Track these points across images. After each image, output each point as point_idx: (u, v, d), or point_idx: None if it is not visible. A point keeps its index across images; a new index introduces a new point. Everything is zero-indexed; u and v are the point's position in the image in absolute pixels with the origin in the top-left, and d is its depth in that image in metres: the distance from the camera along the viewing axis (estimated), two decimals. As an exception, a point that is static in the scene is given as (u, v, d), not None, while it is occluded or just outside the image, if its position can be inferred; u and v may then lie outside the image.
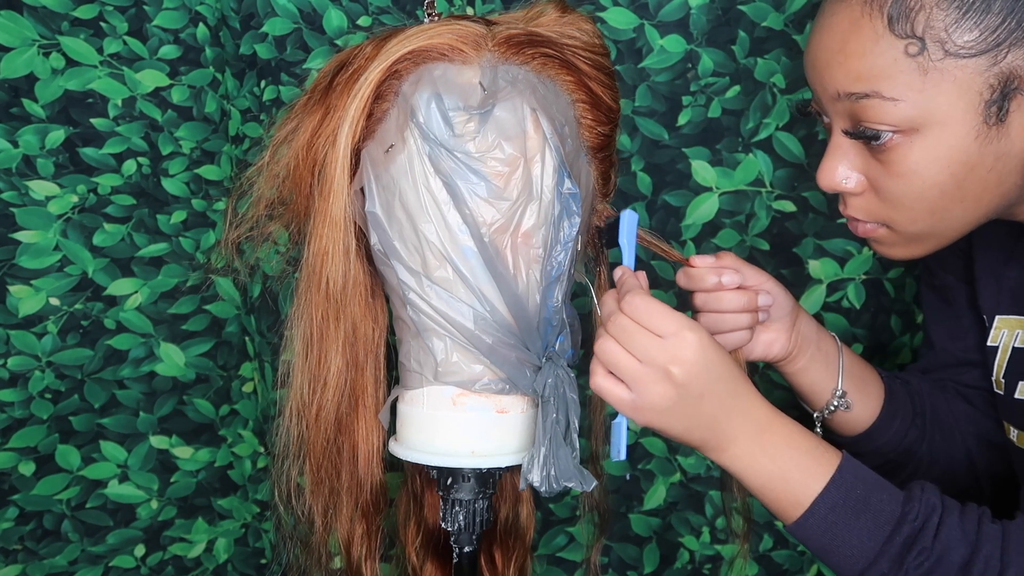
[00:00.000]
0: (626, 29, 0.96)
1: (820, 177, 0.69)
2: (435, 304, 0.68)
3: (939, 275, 0.88)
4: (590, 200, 0.74)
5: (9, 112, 0.96)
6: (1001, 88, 0.61)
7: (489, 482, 0.72)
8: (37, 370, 1.01)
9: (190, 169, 1.04)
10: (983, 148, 0.62)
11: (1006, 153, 0.63)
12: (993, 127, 0.62)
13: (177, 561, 1.11)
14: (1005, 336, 0.80)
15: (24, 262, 0.99)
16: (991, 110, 0.61)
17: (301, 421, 0.73)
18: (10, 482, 1.02)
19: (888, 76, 0.62)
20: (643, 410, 0.65)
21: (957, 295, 0.87)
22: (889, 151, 0.64)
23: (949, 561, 0.62)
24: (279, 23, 0.98)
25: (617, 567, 1.09)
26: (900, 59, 0.61)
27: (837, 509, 0.64)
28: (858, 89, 0.63)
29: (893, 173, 0.65)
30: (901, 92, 0.62)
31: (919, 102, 0.62)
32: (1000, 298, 0.81)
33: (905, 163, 0.64)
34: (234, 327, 1.09)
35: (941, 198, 0.65)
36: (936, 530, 0.63)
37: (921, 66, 0.61)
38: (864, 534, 0.63)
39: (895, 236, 0.69)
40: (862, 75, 0.63)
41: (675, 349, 0.64)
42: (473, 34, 0.67)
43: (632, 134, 0.99)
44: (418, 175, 0.67)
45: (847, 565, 0.64)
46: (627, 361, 0.65)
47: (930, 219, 0.66)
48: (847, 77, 0.64)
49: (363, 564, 0.78)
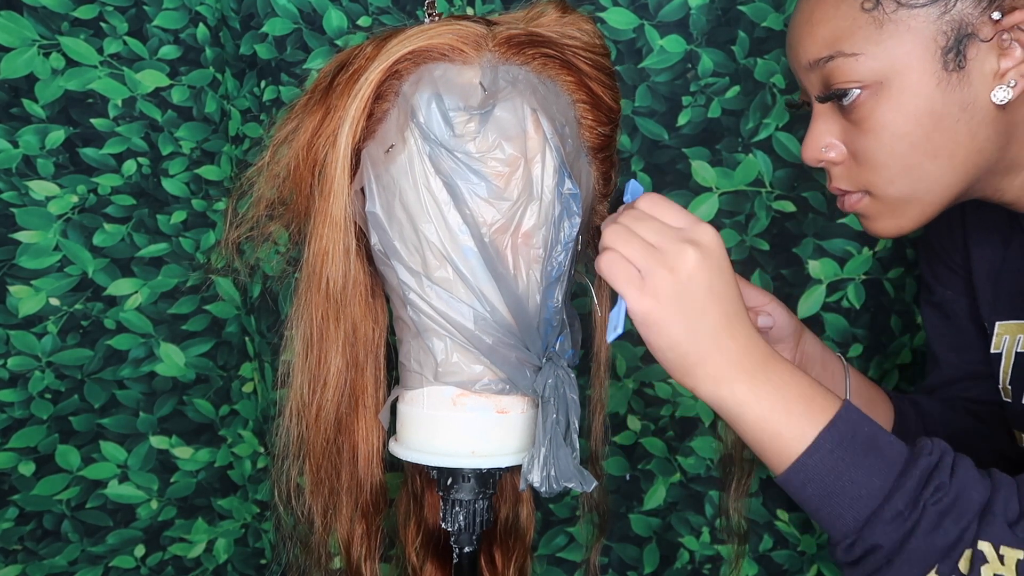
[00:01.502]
0: (626, 29, 0.96)
1: (803, 151, 0.72)
2: (435, 304, 0.68)
3: (937, 291, 0.89)
4: (590, 200, 0.74)
5: (9, 112, 0.96)
6: (955, 35, 0.64)
7: (489, 482, 0.72)
8: (37, 370, 1.01)
9: (190, 169, 1.04)
10: (946, 96, 0.64)
11: (971, 103, 0.65)
12: (953, 73, 0.64)
13: (177, 561, 1.11)
14: (1007, 342, 0.80)
15: (24, 262, 0.99)
16: (948, 57, 0.64)
17: (301, 421, 0.73)
18: (10, 482, 1.02)
19: (848, 34, 0.65)
20: (646, 293, 0.60)
21: (957, 309, 0.87)
22: (858, 109, 0.66)
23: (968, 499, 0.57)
24: (279, 23, 0.98)
25: (617, 567, 1.09)
26: (858, 16, 0.65)
27: (844, 444, 0.58)
28: (824, 53, 0.67)
29: (865, 130, 0.67)
30: (861, 46, 0.65)
31: (878, 54, 0.65)
32: (997, 304, 0.82)
33: (875, 119, 0.66)
34: (234, 327, 1.09)
35: (913, 152, 0.66)
36: (952, 469, 0.58)
37: (877, 20, 0.65)
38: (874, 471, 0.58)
39: (879, 205, 0.70)
40: (827, 39, 0.66)
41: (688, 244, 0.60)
42: (473, 34, 0.67)
43: (632, 134, 0.99)
44: (418, 175, 0.67)
45: (855, 509, 0.58)
46: (637, 243, 0.61)
47: (906, 177, 0.67)
48: (814, 44, 0.67)
49: (363, 564, 0.78)
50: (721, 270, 0.61)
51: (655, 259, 0.60)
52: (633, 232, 0.61)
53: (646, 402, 1.06)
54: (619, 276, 0.61)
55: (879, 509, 0.57)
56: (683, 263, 0.60)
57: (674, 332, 0.60)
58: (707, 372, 0.61)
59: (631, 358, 1.05)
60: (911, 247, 1.02)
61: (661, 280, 0.60)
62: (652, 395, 1.06)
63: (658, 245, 0.60)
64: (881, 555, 0.57)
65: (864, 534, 0.57)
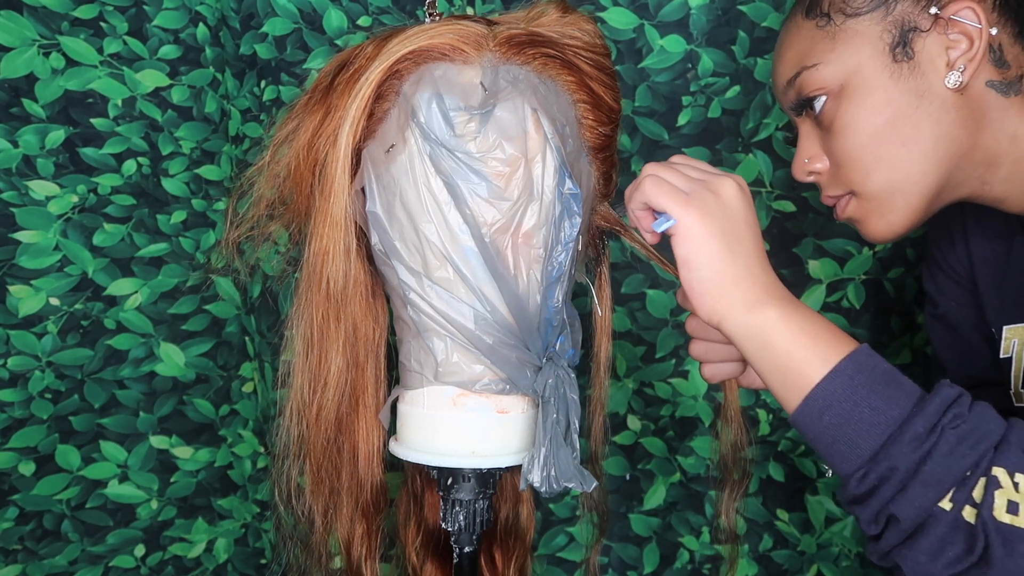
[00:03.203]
0: (626, 29, 0.96)
1: (793, 169, 0.77)
2: (436, 304, 0.68)
3: (941, 303, 0.89)
4: (591, 200, 0.74)
5: (9, 112, 0.96)
6: (899, 31, 0.70)
7: (489, 482, 0.72)
8: (37, 370, 1.01)
9: (190, 169, 1.04)
10: (900, 85, 0.70)
11: (927, 90, 0.69)
12: (903, 63, 0.70)
13: (177, 561, 1.11)
14: (1016, 346, 0.81)
15: (24, 262, 0.99)
16: (897, 51, 0.70)
17: (301, 421, 0.73)
18: (10, 482, 1.02)
19: (808, 51, 0.73)
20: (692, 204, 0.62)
21: (961, 320, 0.88)
22: (827, 114, 0.72)
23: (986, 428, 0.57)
24: (279, 23, 0.98)
25: (617, 567, 1.09)
26: (815, 34, 0.73)
27: (865, 372, 0.59)
28: (792, 71, 0.74)
29: (835, 133, 0.72)
30: (818, 57, 0.72)
31: (834, 59, 0.71)
32: (1004, 308, 0.82)
33: (841, 119, 0.71)
34: (234, 327, 1.09)
35: (880, 143, 0.70)
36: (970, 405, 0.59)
37: (830, 33, 0.72)
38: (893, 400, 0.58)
39: (864, 203, 0.73)
40: (793, 60, 0.74)
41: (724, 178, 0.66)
42: (474, 34, 0.67)
43: (632, 134, 0.99)
44: (419, 175, 0.67)
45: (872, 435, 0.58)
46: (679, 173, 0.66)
47: (881, 167, 0.71)
48: (784, 67, 0.75)
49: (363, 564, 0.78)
50: (752, 208, 0.66)
51: (698, 183, 0.65)
52: (673, 166, 0.67)
53: (646, 402, 1.06)
54: (665, 192, 0.64)
55: (897, 432, 0.57)
56: (724, 189, 0.65)
57: (714, 247, 0.62)
58: (741, 294, 0.63)
59: (631, 358, 1.05)
60: (911, 247, 1.02)
61: (705, 197, 0.64)
62: (652, 395, 1.06)
63: (698, 177, 0.66)
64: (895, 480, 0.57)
65: (879, 458, 0.57)
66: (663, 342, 1.04)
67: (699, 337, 0.76)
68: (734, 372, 0.78)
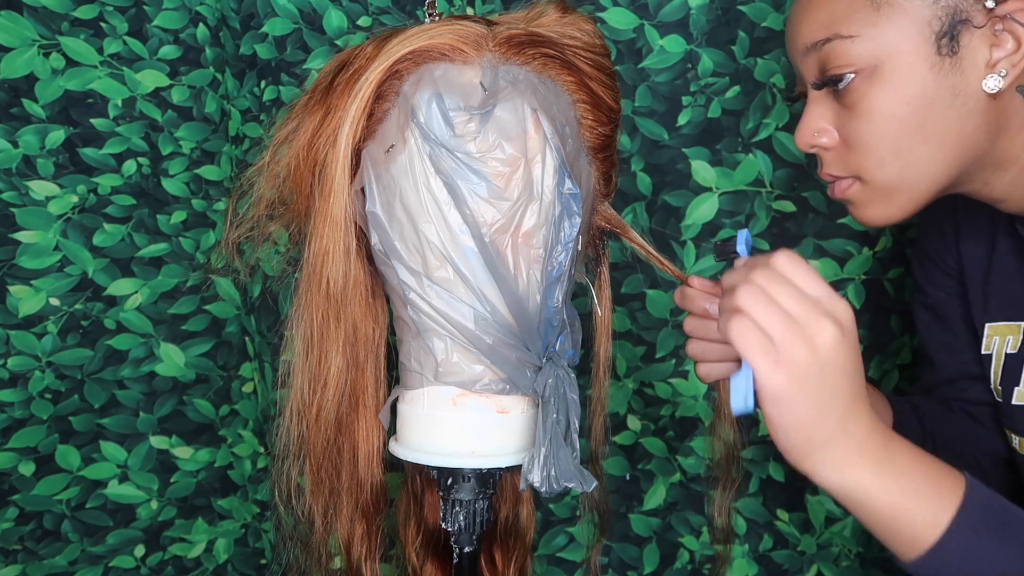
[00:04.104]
0: (626, 29, 0.96)
1: (797, 137, 0.72)
2: (435, 304, 0.68)
3: (931, 293, 0.89)
4: (591, 200, 0.74)
5: (9, 112, 0.96)
6: (949, 20, 0.65)
7: (489, 482, 0.72)
8: (37, 370, 1.01)
9: (190, 169, 1.04)
10: (939, 80, 0.65)
11: (963, 89, 0.66)
12: (946, 58, 0.65)
13: (177, 561, 1.11)
14: (997, 343, 0.81)
15: (24, 262, 0.99)
16: (942, 42, 0.65)
17: (301, 421, 0.73)
18: (10, 482, 1.02)
19: (846, 17, 0.67)
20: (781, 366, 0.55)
21: (950, 311, 0.88)
22: (852, 93, 0.67)
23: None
24: (279, 23, 0.98)
25: (617, 567, 1.09)
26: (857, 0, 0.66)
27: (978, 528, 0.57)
28: (821, 35, 0.68)
29: (857, 114, 0.68)
30: (857, 28, 0.66)
31: (874, 35, 0.66)
32: (987, 306, 0.82)
33: (867, 102, 0.67)
34: (234, 327, 1.09)
35: (903, 135, 0.67)
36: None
37: (874, 2, 0.66)
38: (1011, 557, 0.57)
39: (868, 190, 0.70)
40: (824, 21, 0.68)
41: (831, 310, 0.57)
42: (474, 34, 0.67)
43: (632, 134, 0.99)
44: (419, 175, 0.67)
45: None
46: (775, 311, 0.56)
47: (897, 161, 0.68)
48: (811, 27, 0.69)
49: (363, 564, 0.78)
50: (855, 350, 0.58)
51: (794, 331, 0.56)
52: (771, 298, 0.57)
53: (646, 402, 1.06)
54: (753, 345, 0.56)
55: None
56: (824, 339, 0.56)
57: (803, 412, 0.56)
58: (831, 457, 0.57)
59: (631, 358, 1.05)
60: (911, 247, 1.02)
61: (799, 354, 0.55)
62: (652, 395, 1.06)
63: (797, 316, 0.56)
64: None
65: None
66: (663, 342, 1.04)
67: (696, 336, 0.75)
68: (730, 372, 0.77)
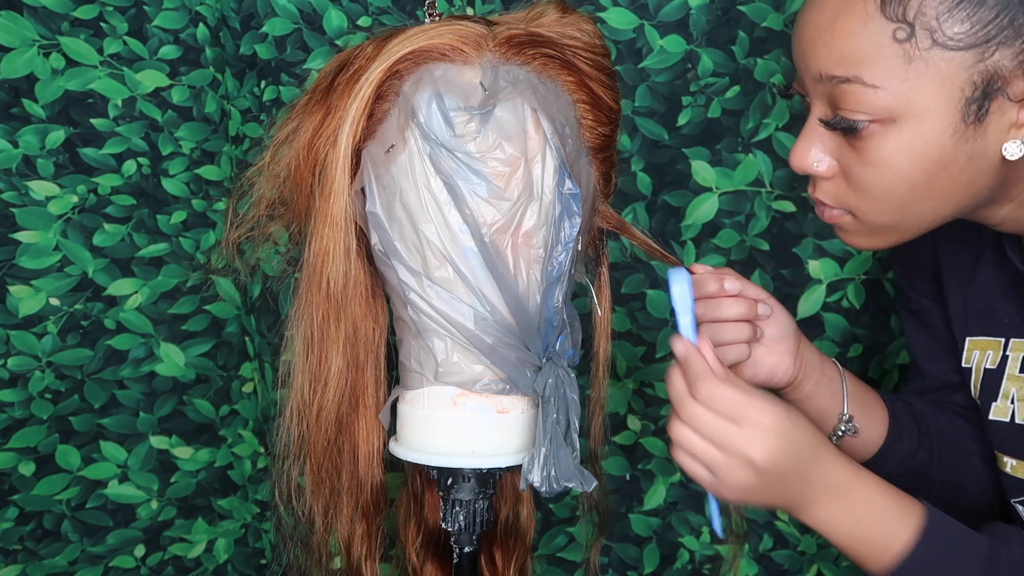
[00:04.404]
0: (626, 29, 0.96)
1: (793, 158, 0.68)
2: (435, 304, 0.68)
3: (914, 299, 0.88)
4: (591, 200, 0.74)
5: (9, 112, 0.96)
6: (984, 86, 0.59)
7: (489, 482, 0.72)
8: (37, 370, 1.01)
9: (190, 169, 1.04)
10: (958, 146, 0.61)
11: (980, 154, 0.62)
12: (971, 126, 0.61)
13: (177, 561, 1.11)
14: (977, 357, 0.80)
15: (24, 262, 0.99)
16: (971, 108, 0.60)
17: (301, 421, 0.73)
18: (10, 482, 1.02)
19: (872, 61, 0.60)
20: (725, 490, 0.65)
21: (933, 318, 0.87)
22: (864, 139, 0.63)
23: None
24: (279, 23, 0.98)
25: (617, 567, 1.09)
26: (887, 44, 0.60)
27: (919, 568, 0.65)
28: (840, 72, 0.62)
29: (865, 161, 0.64)
30: (883, 79, 0.60)
31: (900, 91, 0.60)
32: (968, 319, 0.82)
33: (878, 153, 0.63)
34: (234, 327, 1.09)
35: (910, 192, 0.64)
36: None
37: (907, 53, 0.59)
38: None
39: (859, 225, 0.68)
40: (846, 57, 0.61)
41: (754, 437, 0.63)
42: (474, 34, 0.67)
43: (632, 134, 0.99)
44: (419, 175, 0.67)
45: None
46: (706, 449, 0.64)
47: (896, 212, 0.65)
48: (831, 58, 0.62)
49: (363, 564, 0.78)
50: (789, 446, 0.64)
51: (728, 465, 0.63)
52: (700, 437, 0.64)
53: (646, 402, 1.06)
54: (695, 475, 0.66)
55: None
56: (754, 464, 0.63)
57: (758, 502, 0.67)
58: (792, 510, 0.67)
59: (631, 358, 1.05)
60: (911, 247, 1.02)
61: (737, 480, 0.64)
62: (652, 395, 1.06)
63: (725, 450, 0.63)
64: None
65: None
66: (663, 342, 1.04)
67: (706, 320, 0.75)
68: (740, 355, 0.77)
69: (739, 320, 0.75)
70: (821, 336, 1.02)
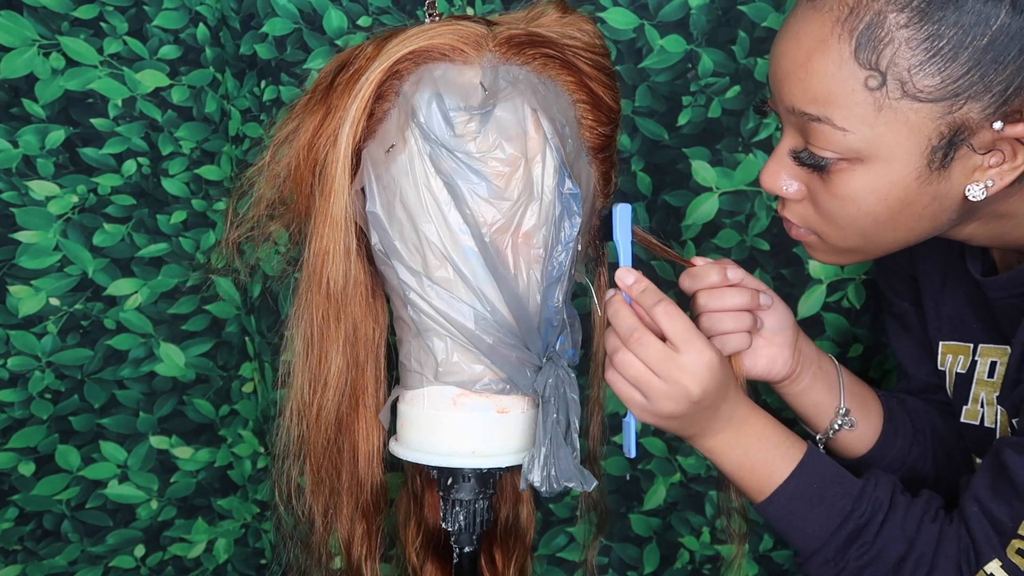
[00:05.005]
0: (626, 29, 0.96)
1: (763, 179, 0.69)
2: (436, 304, 0.68)
3: (896, 303, 0.90)
4: (591, 200, 0.74)
5: (9, 112, 0.96)
6: (951, 136, 0.60)
7: (489, 482, 0.72)
8: (37, 370, 1.01)
9: (190, 169, 1.04)
10: (922, 188, 0.63)
11: (944, 195, 0.64)
12: (936, 171, 0.62)
13: (177, 561, 1.11)
14: (950, 361, 0.82)
15: (24, 262, 0.99)
16: (936, 155, 0.61)
17: (301, 421, 0.73)
18: (10, 482, 1.02)
19: (843, 105, 0.61)
20: (652, 415, 0.70)
21: (914, 321, 0.88)
22: (832, 173, 0.64)
23: (886, 558, 0.69)
24: (279, 23, 0.98)
25: (617, 567, 1.09)
26: (858, 90, 0.60)
27: (794, 499, 0.71)
28: (812, 111, 0.62)
29: (832, 194, 0.65)
30: (852, 124, 0.61)
31: (868, 136, 0.61)
32: (940, 325, 0.83)
33: (845, 188, 0.64)
34: (234, 327, 1.09)
35: (875, 226, 0.66)
36: (879, 528, 0.70)
37: (877, 101, 0.60)
38: (815, 524, 0.71)
39: (825, 245, 0.71)
40: (818, 97, 0.62)
41: (696, 369, 0.68)
42: (474, 34, 0.67)
43: (632, 134, 0.99)
44: (419, 175, 0.67)
45: (801, 546, 0.72)
46: (645, 374, 0.69)
47: (860, 240, 0.68)
48: (804, 95, 0.63)
49: (363, 564, 0.78)
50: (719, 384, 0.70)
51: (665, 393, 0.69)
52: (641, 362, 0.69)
53: (646, 402, 1.06)
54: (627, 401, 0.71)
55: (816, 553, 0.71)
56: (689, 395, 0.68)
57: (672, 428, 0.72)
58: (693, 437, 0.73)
59: (631, 358, 1.05)
60: (911, 247, 1.02)
61: (668, 408, 0.69)
62: (652, 395, 1.06)
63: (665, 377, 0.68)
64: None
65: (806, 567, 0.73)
66: (663, 342, 1.04)
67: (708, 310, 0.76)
68: (741, 344, 0.77)
69: (740, 310, 0.76)
70: (821, 336, 1.02)
